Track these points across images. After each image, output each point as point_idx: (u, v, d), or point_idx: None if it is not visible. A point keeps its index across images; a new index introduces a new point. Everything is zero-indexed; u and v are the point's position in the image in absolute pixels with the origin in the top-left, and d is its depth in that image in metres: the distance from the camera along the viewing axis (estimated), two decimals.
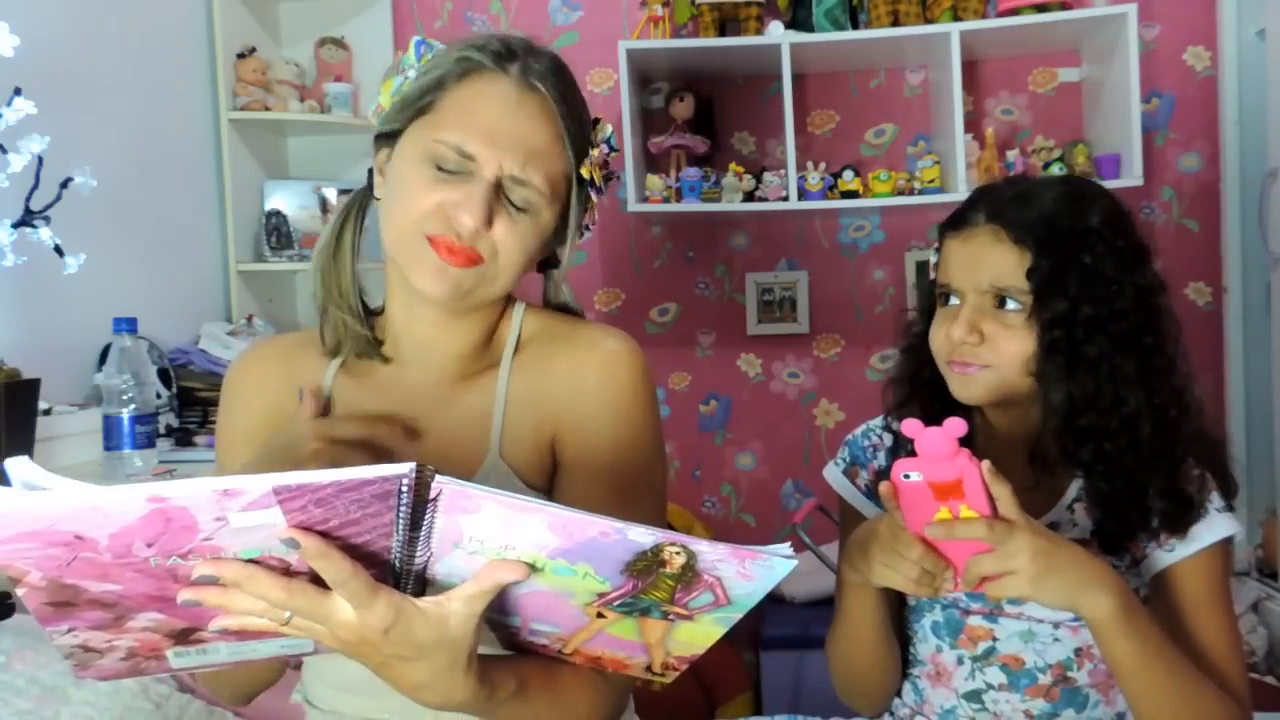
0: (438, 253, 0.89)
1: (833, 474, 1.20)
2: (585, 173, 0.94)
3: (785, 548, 0.63)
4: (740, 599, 0.67)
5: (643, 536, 0.62)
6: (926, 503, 0.89)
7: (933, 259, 1.13)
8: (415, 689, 0.68)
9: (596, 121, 0.98)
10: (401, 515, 0.60)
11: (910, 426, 0.88)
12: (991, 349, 1.02)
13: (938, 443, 0.86)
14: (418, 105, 0.91)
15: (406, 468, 0.57)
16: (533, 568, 0.64)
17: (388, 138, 0.95)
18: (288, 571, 0.62)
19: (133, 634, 0.65)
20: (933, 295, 1.11)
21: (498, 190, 0.89)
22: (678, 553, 0.63)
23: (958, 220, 1.07)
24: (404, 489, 0.58)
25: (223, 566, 0.60)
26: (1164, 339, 1.03)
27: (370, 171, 1.01)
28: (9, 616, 1.44)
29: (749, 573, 0.64)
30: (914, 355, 1.14)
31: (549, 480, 0.95)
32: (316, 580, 0.62)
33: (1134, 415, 1.00)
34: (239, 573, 0.60)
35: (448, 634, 0.65)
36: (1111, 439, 1.00)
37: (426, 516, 0.61)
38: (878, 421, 1.20)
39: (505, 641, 0.76)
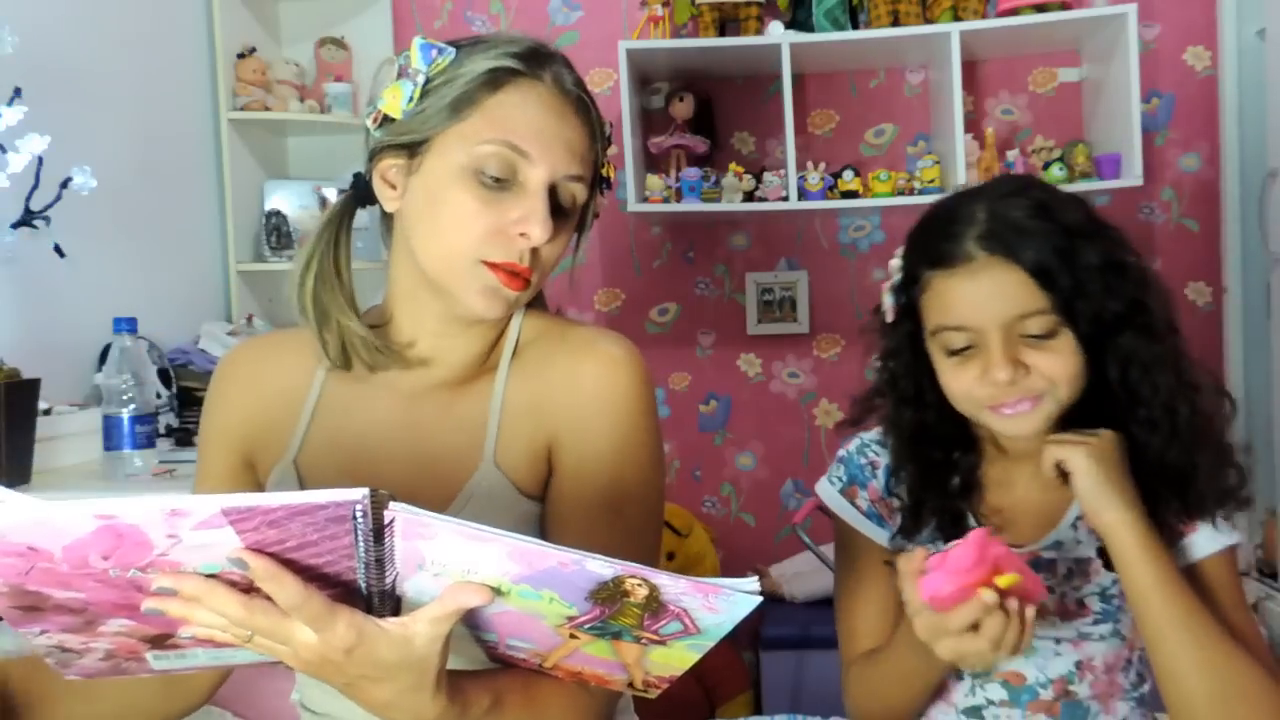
0: (498, 277, 0.87)
1: (829, 493, 1.15)
2: (606, 171, 0.96)
3: (749, 582, 0.61)
4: (710, 629, 0.65)
5: (602, 568, 0.61)
6: (966, 596, 0.87)
7: (889, 300, 1.08)
8: (383, 708, 0.68)
9: None
10: (361, 538, 0.59)
11: (933, 563, 0.87)
12: (1041, 376, 0.97)
13: (964, 556, 0.86)
14: (449, 117, 0.87)
15: (359, 494, 0.56)
16: (498, 591, 0.63)
17: (402, 148, 0.91)
18: (250, 589, 0.60)
19: (106, 638, 0.64)
20: (914, 342, 1.06)
21: (551, 195, 0.89)
22: (639, 584, 0.62)
23: (944, 258, 0.99)
24: (359, 514, 0.57)
25: (182, 581, 0.59)
26: (1167, 313, 1.02)
27: (358, 176, 0.98)
28: None
29: (714, 605, 0.63)
30: (909, 409, 1.10)
31: (545, 488, 0.93)
32: None
33: (1171, 399, 0.99)
34: (198, 588, 0.59)
35: (412, 655, 0.64)
36: (1154, 428, 0.99)
37: (386, 540, 0.60)
38: (872, 435, 1.16)
39: (486, 654, 0.75)
